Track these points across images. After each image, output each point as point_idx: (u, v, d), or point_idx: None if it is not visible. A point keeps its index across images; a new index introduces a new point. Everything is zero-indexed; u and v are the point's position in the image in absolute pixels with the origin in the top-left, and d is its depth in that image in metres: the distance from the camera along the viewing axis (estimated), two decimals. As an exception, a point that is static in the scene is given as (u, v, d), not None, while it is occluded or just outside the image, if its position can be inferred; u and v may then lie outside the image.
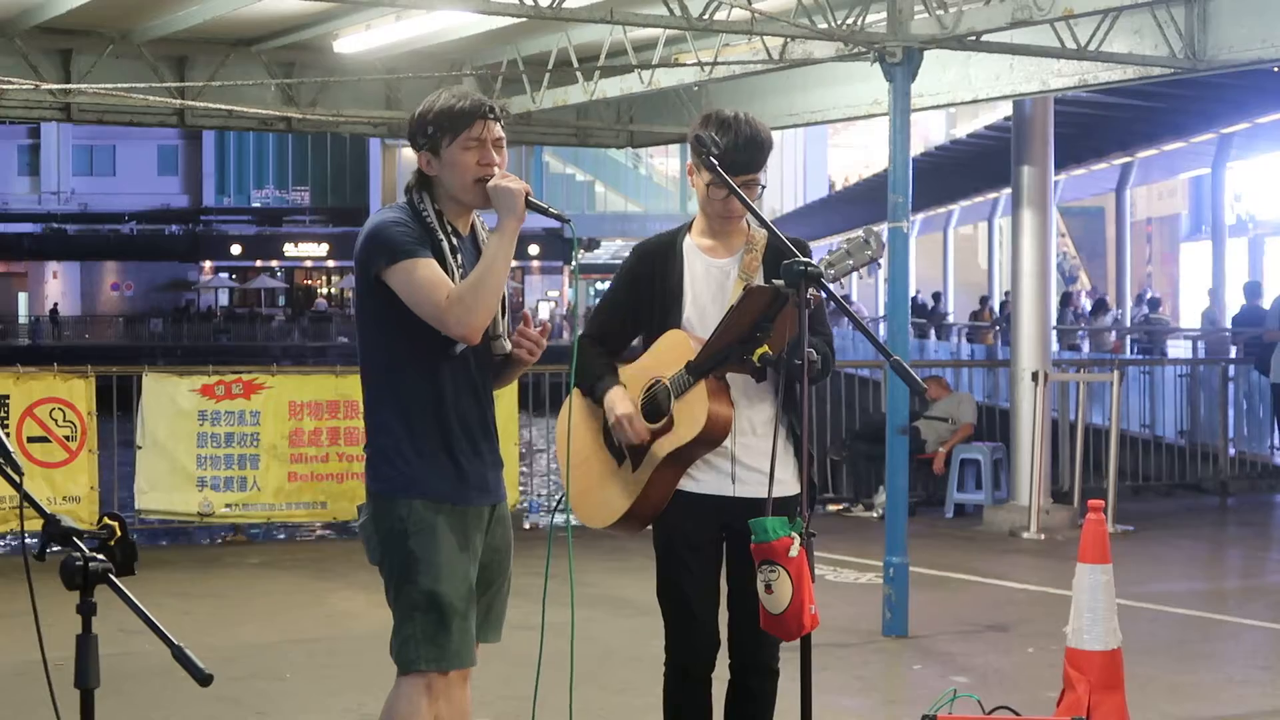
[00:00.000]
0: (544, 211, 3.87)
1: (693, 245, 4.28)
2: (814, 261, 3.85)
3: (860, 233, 4.06)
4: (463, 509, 3.84)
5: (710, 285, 4.22)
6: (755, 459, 4.13)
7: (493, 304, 3.77)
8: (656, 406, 4.14)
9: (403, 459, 3.82)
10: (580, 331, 4.37)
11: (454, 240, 3.86)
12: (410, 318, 3.76)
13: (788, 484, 4.10)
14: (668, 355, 4.15)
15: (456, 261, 3.83)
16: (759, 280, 4.15)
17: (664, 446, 4.11)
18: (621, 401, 4.16)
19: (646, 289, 4.27)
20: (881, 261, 5.34)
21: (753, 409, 4.17)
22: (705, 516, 4.17)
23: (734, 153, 4.09)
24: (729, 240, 4.27)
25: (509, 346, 3.95)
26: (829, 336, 4.21)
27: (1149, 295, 28.42)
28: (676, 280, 4.23)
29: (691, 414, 4.06)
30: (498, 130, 3.86)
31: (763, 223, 4.14)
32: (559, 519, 4.36)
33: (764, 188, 4.24)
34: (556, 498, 4.63)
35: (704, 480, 4.17)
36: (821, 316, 4.16)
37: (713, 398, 4.05)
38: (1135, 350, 21.70)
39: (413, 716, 3.79)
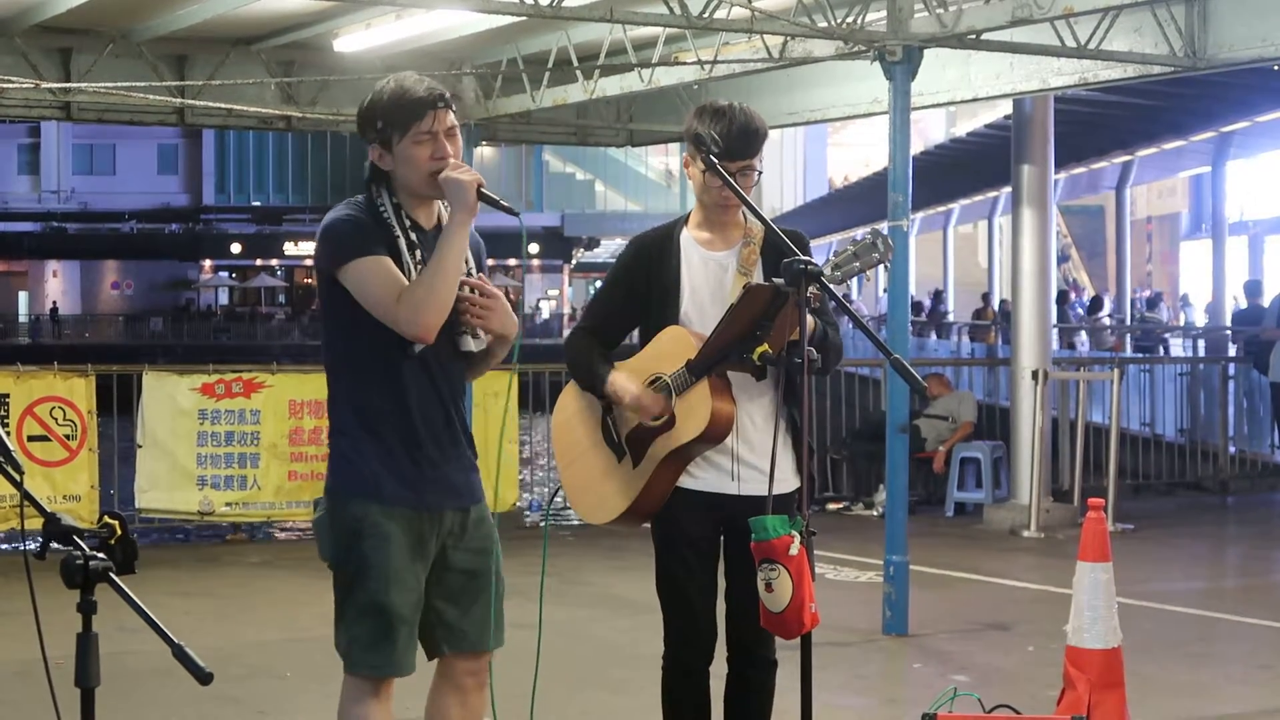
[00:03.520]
0: (495, 204, 3.77)
1: (690, 238, 4.27)
2: (812, 258, 3.85)
3: (868, 235, 4.02)
4: (419, 514, 3.77)
5: (709, 279, 4.21)
6: (756, 456, 4.12)
7: (445, 301, 3.66)
8: None
9: (361, 460, 3.75)
10: (575, 324, 4.35)
11: (412, 235, 3.76)
12: (367, 317, 3.69)
13: (787, 479, 4.10)
14: (668, 351, 4.13)
15: (415, 257, 3.72)
16: (758, 273, 4.15)
17: (666, 444, 4.11)
18: (625, 384, 4.13)
19: (643, 283, 4.25)
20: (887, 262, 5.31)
21: (753, 405, 4.16)
22: (705, 513, 4.17)
23: (729, 140, 4.08)
24: (726, 233, 4.25)
25: (474, 345, 3.83)
26: (835, 325, 4.22)
27: (1147, 294, 28.46)
28: (674, 274, 4.22)
29: (694, 412, 4.05)
30: (449, 119, 3.75)
31: (758, 216, 4.13)
32: (547, 516, 4.35)
33: (760, 174, 4.24)
34: (549, 495, 4.61)
35: (704, 478, 4.17)
36: (825, 307, 4.15)
37: (715, 395, 4.04)
38: (1135, 349, 21.71)
39: (363, 717, 3.76)
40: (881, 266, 4.06)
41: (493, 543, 3.94)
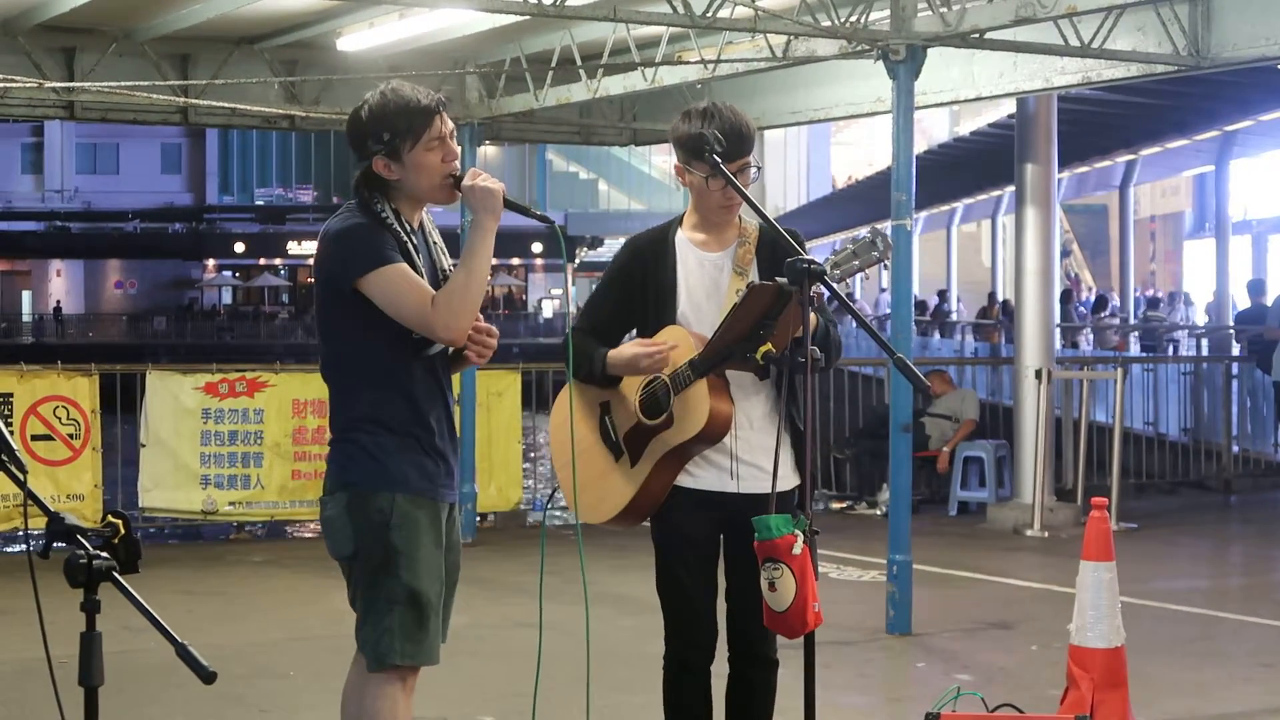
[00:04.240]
0: (524, 211, 3.90)
1: (685, 240, 4.27)
2: (812, 257, 3.86)
3: (866, 233, 4.02)
4: (438, 504, 3.86)
5: (704, 280, 4.21)
6: (755, 454, 4.13)
7: (476, 306, 3.78)
8: (656, 402, 4.13)
9: (384, 454, 3.80)
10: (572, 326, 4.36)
11: (414, 239, 3.86)
12: (383, 321, 3.77)
13: (787, 477, 4.10)
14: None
15: (420, 260, 3.83)
16: (753, 273, 4.16)
17: (664, 443, 4.11)
18: (625, 351, 4.14)
19: (639, 284, 4.26)
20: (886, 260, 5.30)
21: (750, 403, 4.16)
22: (704, 513, 4.17)
23: (725, 141, 4.07)
24: (722, 234, 4.25)
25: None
26: (834, 321, 4.22)
27: (1152, 293, 28.42)
28: (670, 275, 4.22)
29: (692, 411, 4.05)
30: (450, 122, 3.86)
31: (762, 216, 4.11)
32: (563, 520, 4.35)
33: (760, 169, 4.24)
34: (548, 494, 4.62)
35: (703, 477, 4.16)
36: (823, 303, 4.16)
37: (713, 394, 4.05)
38: (1142, 348, 21.71)
39: (393, 712, 3.79)
40: (882, 265, 4.06)
41: (459, 541, 4.05)
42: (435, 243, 3.98)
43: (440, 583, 3.84)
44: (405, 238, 3.81)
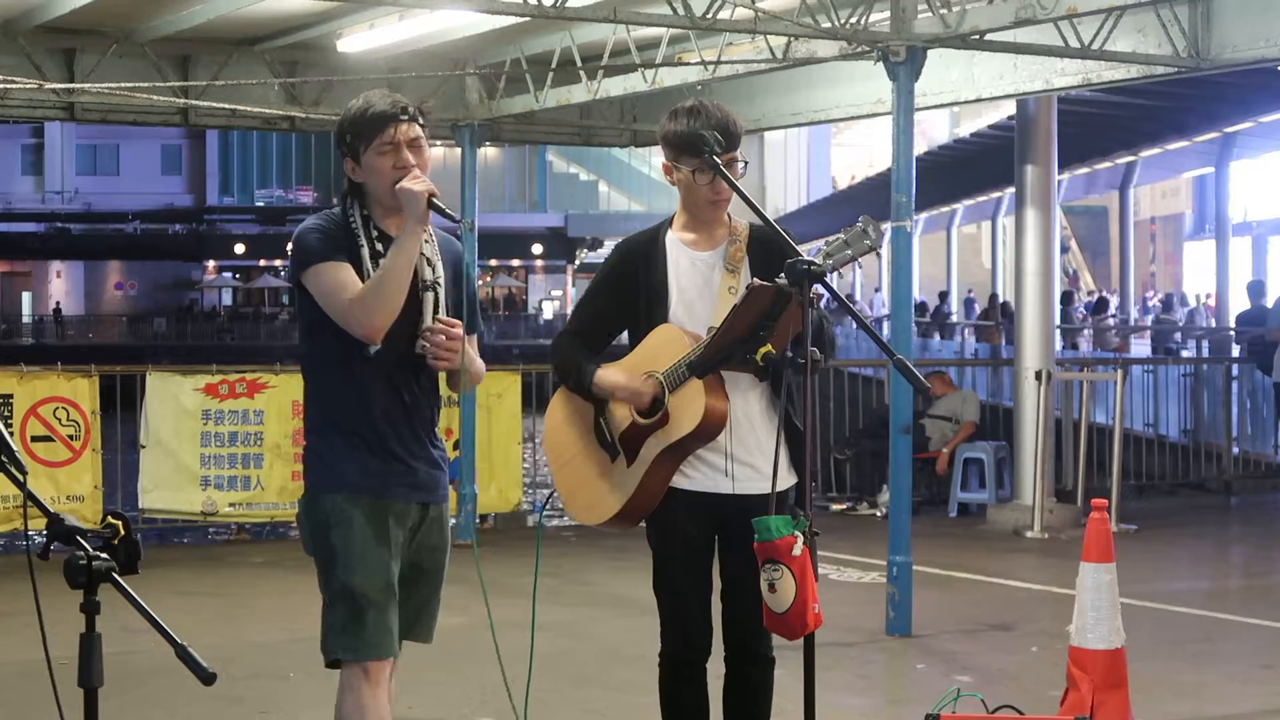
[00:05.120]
0: (443, 213, 3.95)
1: (675, 240, 4.28)
2: (809, 255, 3.86)
3: (859, 223, 4.01)
4: (385, 502, 3.91)
5: (695, 279, 4.22)
6: (751, 454, 4.13)
7: (393, 305, 3.84)
8: (651, 401, 4.13)
9: (330, 455, 3.93)
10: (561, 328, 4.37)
11: (378, 245, 3.93)
12: (329, 320, 3.88)
13: (782, 476, 4.09)
14: (661, 349, 4.14)
15: (373, 265, 3.91)
16: (744, 271, 4.17)
17: (659, 441, 4.11)
18: (612, 376, 4.16)
19: (631, 286, 4.27)
20: (883, 254, 5.29)
21: (747, 401, 4.16)
22: (700, 513, 4.17)
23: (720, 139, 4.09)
24: (712, 232, 4.26)
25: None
26: (827, 316, 4.22)
27: (1165, 296, 28.41)
28: (661, 276, 4.22)
29: (687, 408, 4.06)
30: (413, 131, 3.95)
31: (756, 210, 4.10)
32: (540, 519, 4.36)
33: (746, 164, 4.25)
34: (545, 497, 4.63)
35: (698, 477, 4.16)
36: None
37: (709, 392, 4.05)
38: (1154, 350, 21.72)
39: (360, 704, 3.83)
40: (878, 256, 4.06)
41: (445, 542, 4.08)
42: (425, 255, 4.00)
43: (385, 578, 3.88)
44: (363, 241, 3.92)
